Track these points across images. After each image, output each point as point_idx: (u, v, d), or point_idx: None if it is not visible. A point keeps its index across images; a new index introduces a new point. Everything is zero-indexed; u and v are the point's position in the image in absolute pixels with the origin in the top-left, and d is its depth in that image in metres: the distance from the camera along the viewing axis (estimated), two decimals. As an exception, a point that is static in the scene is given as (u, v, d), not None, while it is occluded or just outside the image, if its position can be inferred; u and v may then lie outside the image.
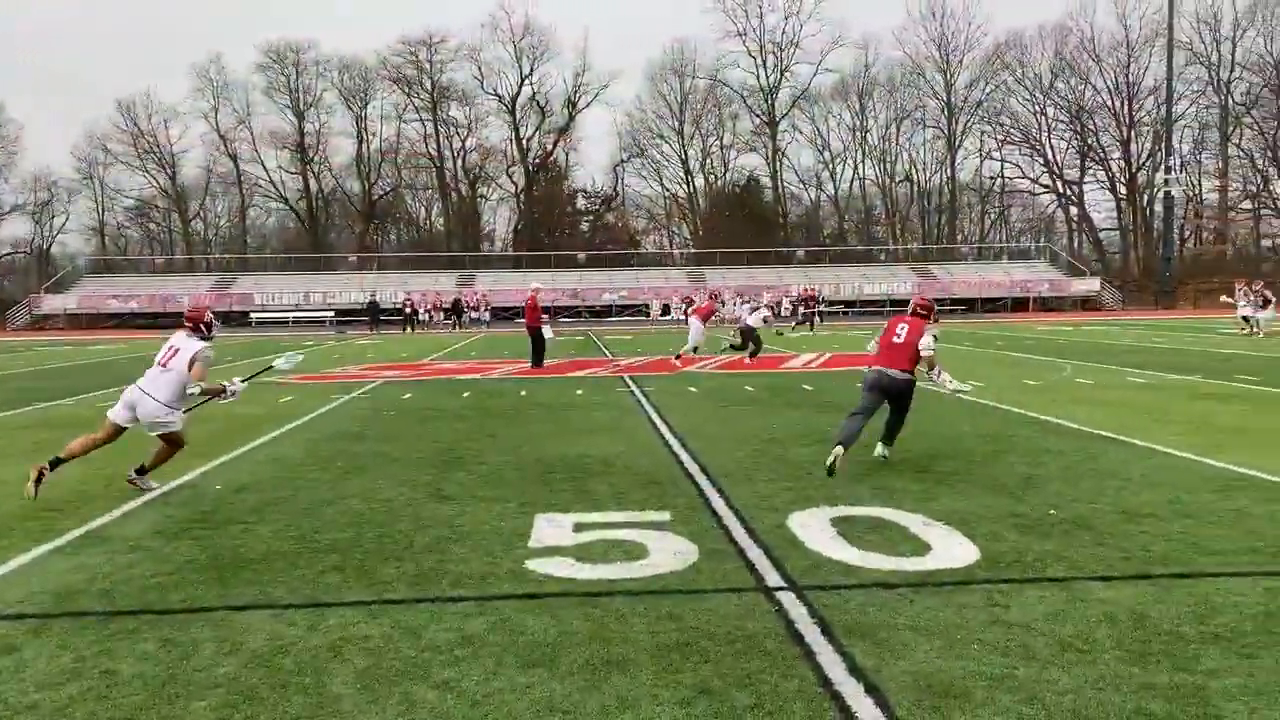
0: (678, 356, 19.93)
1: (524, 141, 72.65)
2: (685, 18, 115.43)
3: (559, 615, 4.41)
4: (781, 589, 4.78)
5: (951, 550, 5.41)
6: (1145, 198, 71.76)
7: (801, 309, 41.39)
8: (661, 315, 48.11)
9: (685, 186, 76.05)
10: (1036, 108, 73.54)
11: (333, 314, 52.78)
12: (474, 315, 49.52)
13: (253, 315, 53.84)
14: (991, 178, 76.52)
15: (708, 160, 75.63)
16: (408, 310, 46.46)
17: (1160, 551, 5.30)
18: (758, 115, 74.26)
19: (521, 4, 74.08)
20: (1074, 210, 76.54)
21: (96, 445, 7.30)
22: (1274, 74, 70.20)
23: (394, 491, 7.26)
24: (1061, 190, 75.80)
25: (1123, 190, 73.72)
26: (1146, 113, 71.35)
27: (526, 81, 70.67)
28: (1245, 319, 27.28)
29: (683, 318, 46.25)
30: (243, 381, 7.97)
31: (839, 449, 7.44)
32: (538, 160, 73.66)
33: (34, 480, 6.98)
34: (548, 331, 19.38)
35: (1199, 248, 74.71)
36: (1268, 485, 6.97)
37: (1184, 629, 4.12)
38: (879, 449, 8.27)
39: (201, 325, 7.62)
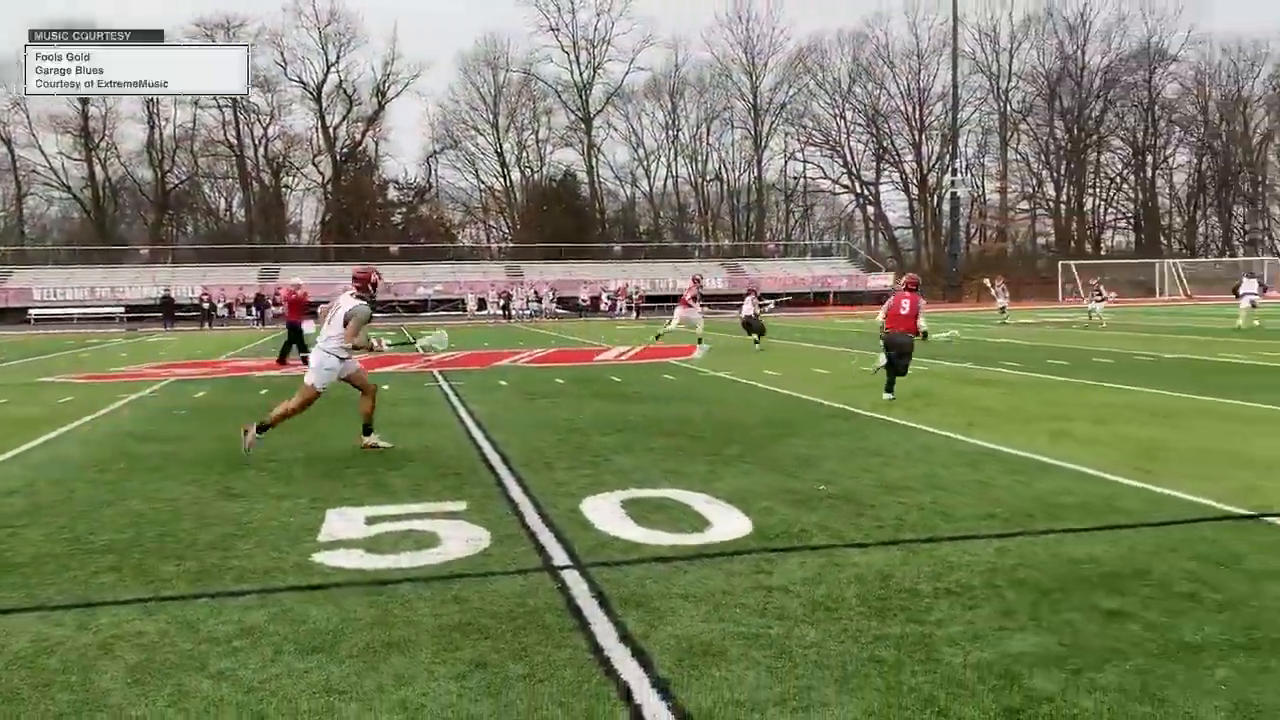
0: (698, 340, 21.57)
1: (331, 130, 70.40)
2: (498, 10, 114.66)
3: (343, 604, 4.47)
4: (567, 568, 4.99)
5: (728, 525, 5.77)
6: (935, 198, 76.68)
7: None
8: (478, 310, 47.61)
9: (502, 180, 75.71)
10: (836, 111, 77.35)
11: (123, 310, 49.55)
12: (278, 310, 47.58)
13: (31, 312, 49.86)
14: (795, 178, 79.90)
15: (524, 154, 75.56)
16: (205, 305, 44.22)
17: (911, 520, 5.84)
18: (572, 111, 74.74)
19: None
20: (871, 209, 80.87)
21: (301, 408, 8.41)
22: (1045, 84, 76.49)
23: (180, 491, 7.04)
24: (859, 190, 79.98)
25: (915, 191, 78.49)
26: (936, 118, 76.27)
27: (333, 69, 68.50)
28: (1089, 313, 30.10)
29: (499, 313, 46.08)
30: (390, 346, 9.05)
31: (888, 396, 11.24)
32: (346, 150, 71.52)
33: (246, 441, 8.10)
34: (308, 327, 19.05)
35: (983, 245, 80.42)
36: (1010, 459, 7.73)
37: (921, 586, 4.59)
38: (885, 396, 11.25)
39: (369, 286, 8.58)
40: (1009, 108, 76.92)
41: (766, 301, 24.72)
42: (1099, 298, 30.05)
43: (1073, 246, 74.75)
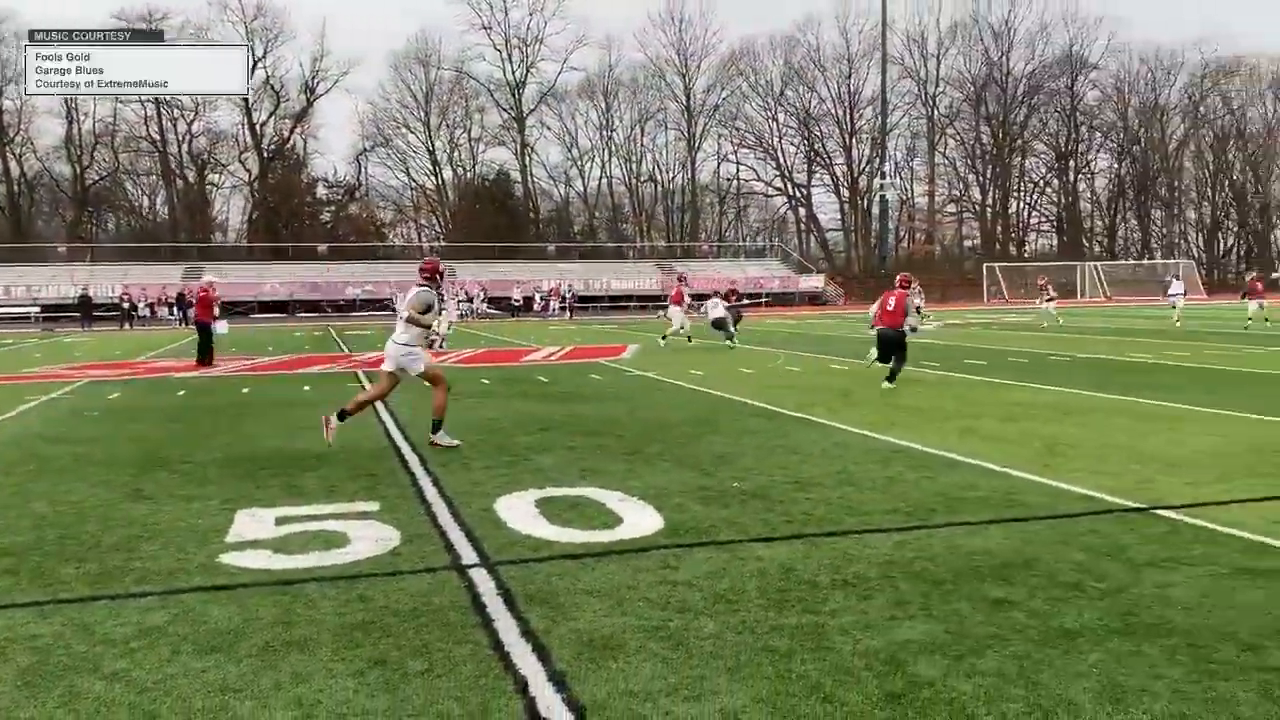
0: (675, 336, 22.31)
1: (258, 127, 69.01)
2: (429, 7, 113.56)
3: (245, 604, 4.44)
4: (474, 566, 5.02)
5: (640, 522, 5.85)
6: (866, 200, 77.82)
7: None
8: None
9: (434, 179, 74.97)
10: (769, 113, 78.05)
11: (38, 310, 48.03)
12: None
13: (-60, 311, 48.08)
14: (728, 179, 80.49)
15: (456, 152, 74.91)
16: (125, 305, 43.10)
17: (818, 515, 5.98)
18: (505, 110, 74.37)
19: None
20: (803, 211, 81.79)
21: (374, 400, 9.08)
22: (972, 90, 78.15)
23: (86, 493, 6.91)
24: (791, 193, 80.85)
25: (846, 193, 79.61)
26: (866, 121, 77.40)
27: (260, 65, 67.13)
28: (1043, 313, 30.77)
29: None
30: (449, 325, 9.41)
31: (886, 383, 12.44)
32: (273, 147, 70.22)
33: (327, 431, 8.52)
34: (220, 327, 18.85)
35: (912, 247, 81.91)
36: (921, 455, 7.94)
37: (820, 578, 4.72)
38: (885, 385, 12.36)
39: (435, 275, 9.05)
40: (936, 112, 78.48)
41: (741, 302, 25.94)
42: (1049, 297, 30.78)
43: (998, 249, 76.43)
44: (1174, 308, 30.85)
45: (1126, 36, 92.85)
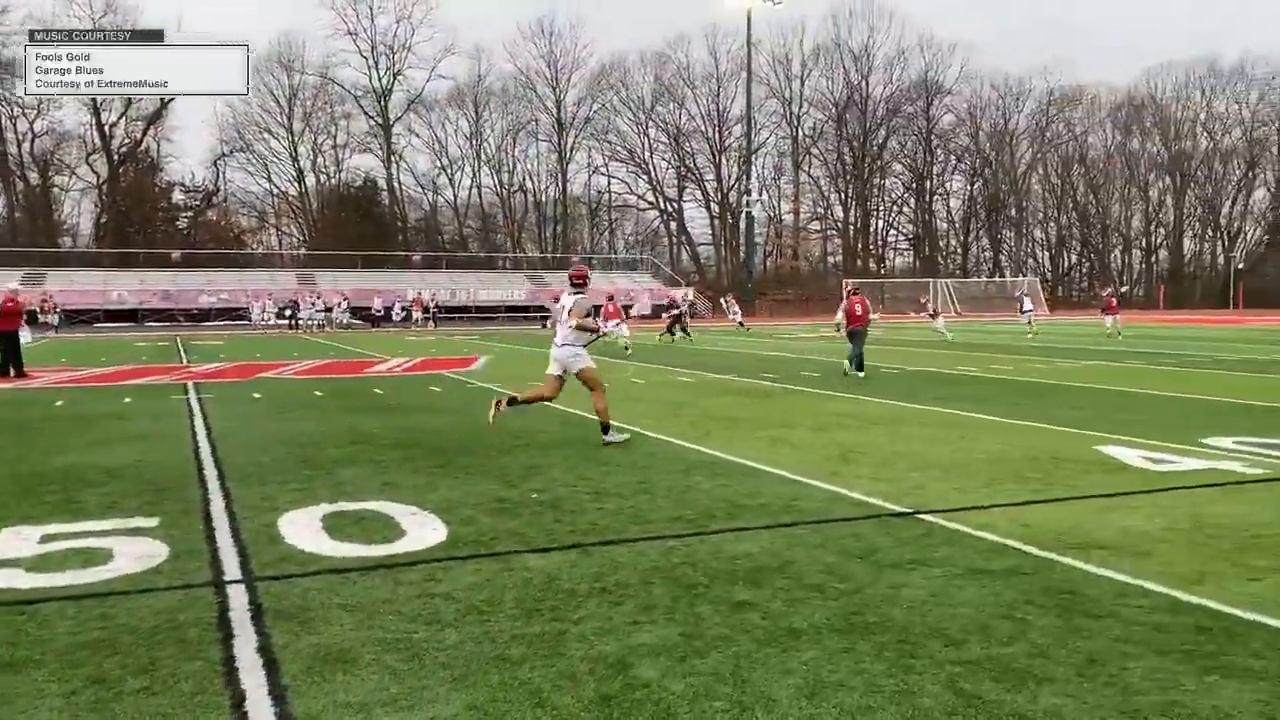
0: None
1: (107, 128, 65.88)
2: (292, 11, 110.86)
3: (-28, 625, 4.27)
4: (235, 582, 4.94)
5: (423, 535, 5.85)
6: (734, 216, 79.36)
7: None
8: (266, 320, 45.54)
9: (297, 185, 72.96)
10: (640, 128, 78.90)
11: None
12: (41, 319, 44.10)
13: None
14: (599, 192, 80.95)
15: (320, 159, 73.13)
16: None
17: (604, 524, 6.10)
18: (372, 117, 73.00)
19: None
20: (675, 225, 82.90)
21: (544, 398, 9.70)
22: (834, 111, 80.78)
23: None
24: (664, 206, 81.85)
25: (716, 209, 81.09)
26: (735, 139, 78.97)
27: (110, 63, 64.08)
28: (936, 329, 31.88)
29: (284, 323, 44.36)
30: (611, 325, 10.71)
31: (857, 372, 16.05)
32: (125, 149, 67.14)
33: (494, 412, 9.44)
34: (25, 335, 18.22)
35: (779, 263, 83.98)
36: (724, 464, 8.18)
37: (580, 587, 4.82)
38: (855, 372, 16.05)
39: (583, 281, 9.85)
40: (801, 132, 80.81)
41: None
42: (932, 313, 32.84)
43: (858, 265, 79.04)
44: (1028, 323, 32.92)
45: (978, 64, 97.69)
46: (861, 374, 15.98)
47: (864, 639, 4.07)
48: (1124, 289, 58.74)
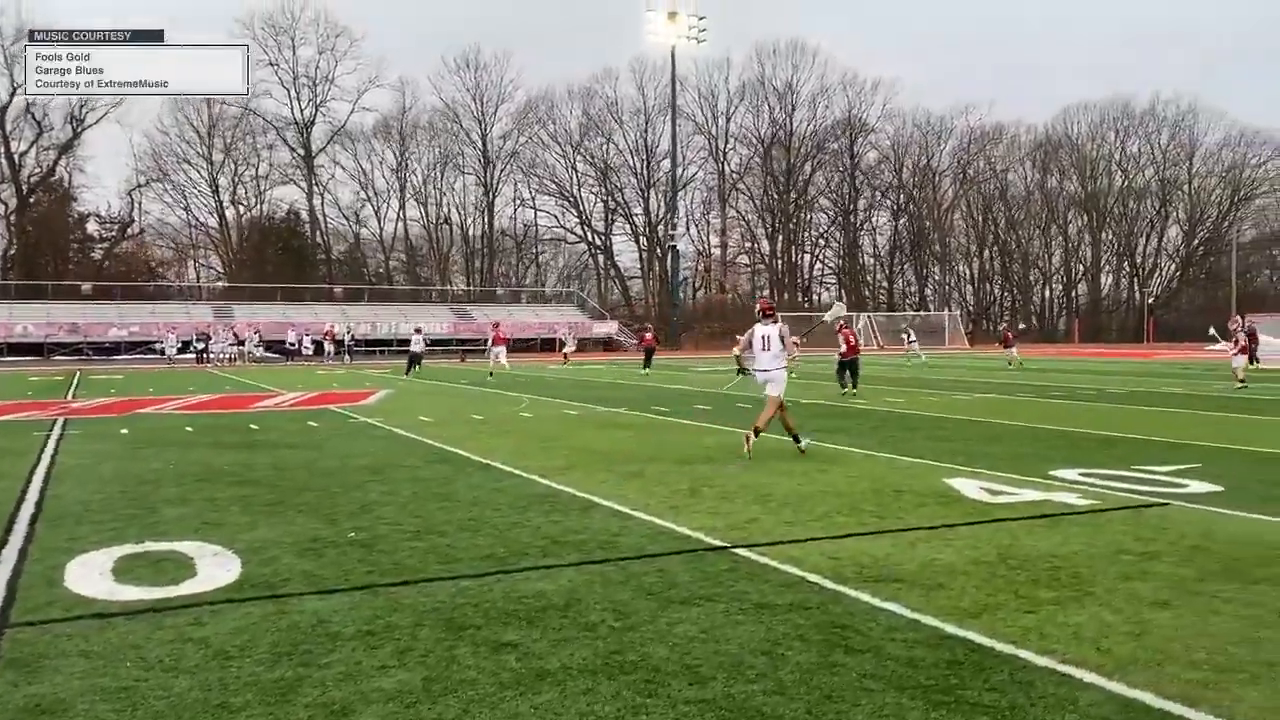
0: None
1: (16, 157, 64.12)
2: (209, 39, 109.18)
3: None
4: (-15, 629, 4.69)
5: (214, 576, 5.64)
6: (663, 250, 79.78)
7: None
8: (178, 354, 44.29)
9: (216, 216, 71.68)
10: (568, 162, 79.09)
11: None
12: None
13: None
14: (526, 225, 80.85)
15: (241, 190, 72.00)
16: None
17: (409, 564, 5.93)
18: (293, 149, 72.13)
19: (12, 4, 64.22)
20: (603, 258, 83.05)
21: (774, 417, 10.89)
22: (760, 147, 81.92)
23: None
24: (592, 239, 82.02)
25: (644, 243, 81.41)
26: (664, 173, 79.54)
27: (20, 91, 62.48)
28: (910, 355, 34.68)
29: (192, 356, 43.25)
30: (801, 337, 12.82)
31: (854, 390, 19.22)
32: (35, 178, 65.38)
33: (746, 446, 10.47)
34: None
35: (707, 297, 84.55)
36: (569, 499, 8.06)
37: (347, 629, 4.65)
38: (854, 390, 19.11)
39: (772, 311, 11.09)
40: (727, 168, 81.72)
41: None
42: (911, 341, 36.08)
43: (786, 299, 79.88)
44: (919, 356, 34.07)
45: (899, 102, 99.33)
46: (856, 390, 19.54)
47: (611, 679, 3.97)
48: (1058, 321, 60.49)
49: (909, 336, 39.33)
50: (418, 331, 32.76)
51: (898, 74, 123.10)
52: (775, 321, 10.93)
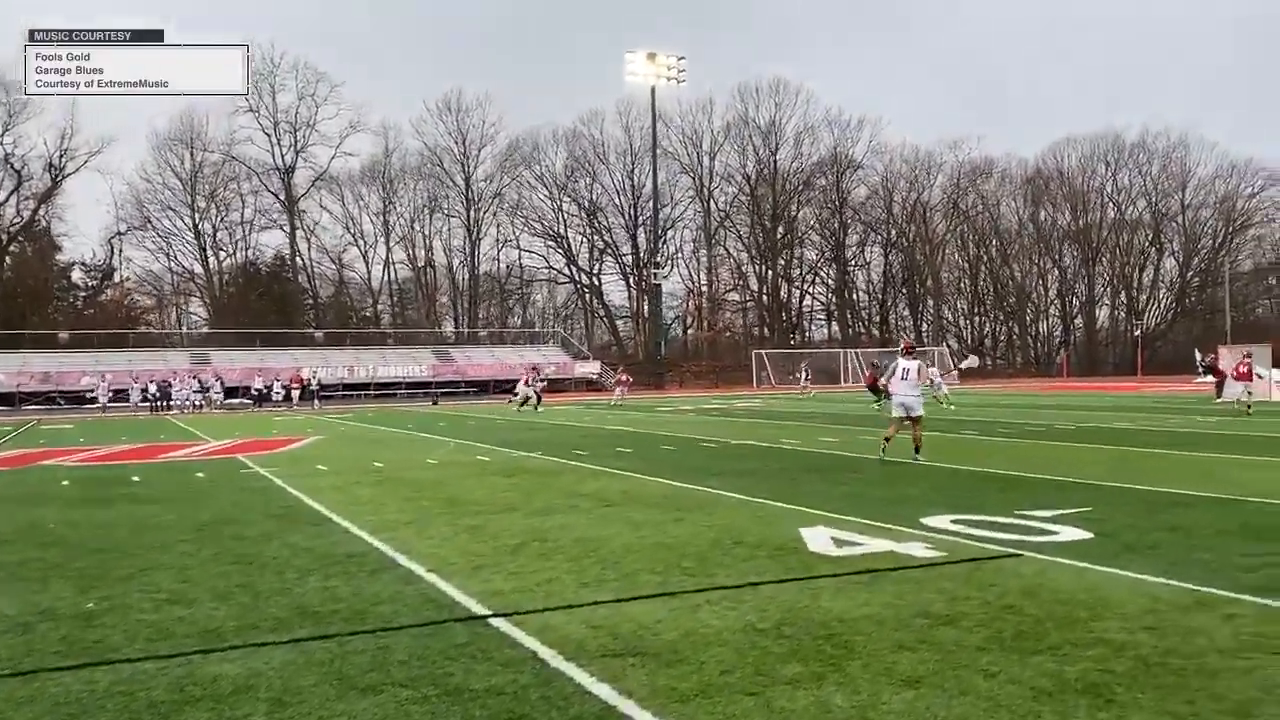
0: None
1: (-4, 206, 64.15)
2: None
3: None
4: None
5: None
6: (647, 289, 79.42)
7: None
8: (142, 401, 43.63)
9: (199, 263, 71.53)
10: (554, 202, 78.94)
11: None
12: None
13: None
14: (508, 266, 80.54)
15: (225, 236, 71.90)
16: None
17: (111, 642, 5.28)
18: (275, 194, 72.05)
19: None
20: (590, 298, 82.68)
21: (898, 432, 13.40)
22: (747, 185, 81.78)
23: None
24: (579, 279, 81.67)
25: (633, 281, 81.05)
26: (651, 213, 79.35)
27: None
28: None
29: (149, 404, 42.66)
30: (944, 373, 22.59)
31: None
32: (15, 227, 65.36)
33: (883, 445, 13.49)
34: None
35: (698, 335, 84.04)
36: (369, 559, 7.44)
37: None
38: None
39: (912, 349, 13.66)
40: (714, 206, 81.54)
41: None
42: (944, 372, 35.75)
43: (777, 337, 79.35)
44: (943, 390, 33.97)
45: (885, 138, 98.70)
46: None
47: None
48: (1056, 355, 59.14)
49: (934, 380, 37.77)
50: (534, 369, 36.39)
51: (882, 111, 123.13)
52: (915, 358, 13.47)
